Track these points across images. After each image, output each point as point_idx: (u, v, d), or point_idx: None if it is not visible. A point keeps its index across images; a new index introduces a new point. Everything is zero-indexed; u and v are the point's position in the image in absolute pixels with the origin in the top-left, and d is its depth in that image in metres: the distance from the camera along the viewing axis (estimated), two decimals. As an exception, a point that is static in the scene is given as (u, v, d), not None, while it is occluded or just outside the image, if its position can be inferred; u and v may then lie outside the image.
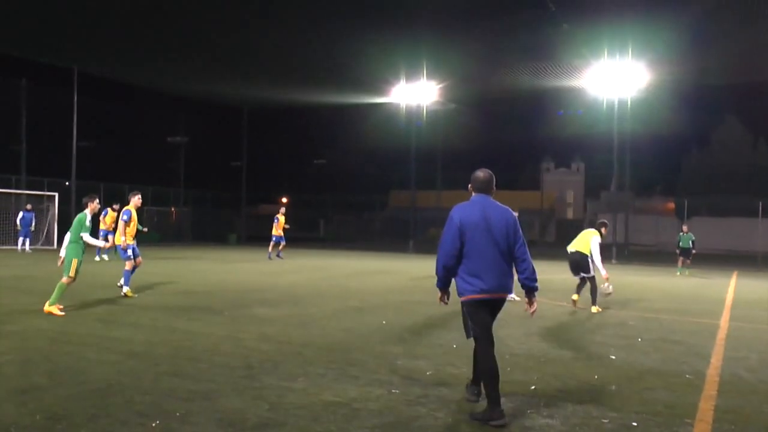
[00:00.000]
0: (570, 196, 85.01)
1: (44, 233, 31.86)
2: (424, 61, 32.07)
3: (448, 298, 5.56)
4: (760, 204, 34.27)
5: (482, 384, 5.34)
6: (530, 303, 5.65)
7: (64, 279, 9.90)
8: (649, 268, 26.24)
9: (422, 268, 21.93)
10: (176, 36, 28.41)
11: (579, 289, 12.47)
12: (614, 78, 31.42)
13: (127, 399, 5.34)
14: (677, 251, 24.44)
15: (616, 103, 33.27)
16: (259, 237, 41.15)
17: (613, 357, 7.62)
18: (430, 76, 34.45)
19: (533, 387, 6.12)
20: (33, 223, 27.04)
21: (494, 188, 5.59)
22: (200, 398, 5.42)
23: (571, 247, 12.55)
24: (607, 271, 12.32)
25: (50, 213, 32.04)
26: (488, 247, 5.28)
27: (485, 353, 5.30)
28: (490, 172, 5.60)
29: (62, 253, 10.14)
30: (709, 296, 15.64)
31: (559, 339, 8.73)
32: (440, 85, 35.69)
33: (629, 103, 33.33)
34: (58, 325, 8.75)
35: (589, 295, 11.98)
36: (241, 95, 40.47)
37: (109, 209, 21.56)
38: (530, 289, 5.57)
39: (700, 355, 7.87)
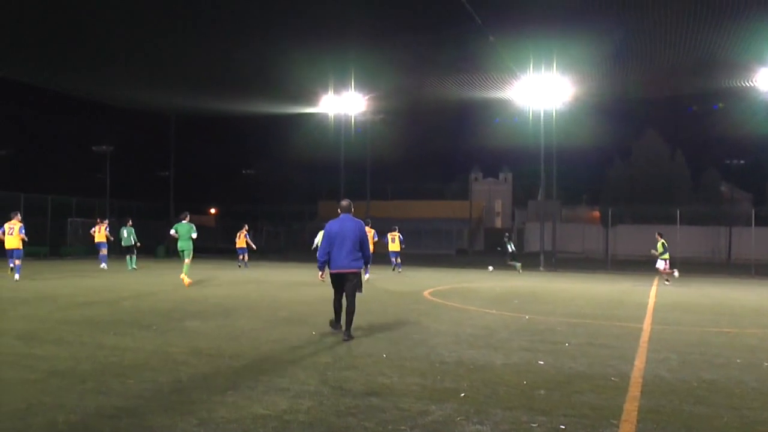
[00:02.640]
0: (498, 206, 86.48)
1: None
2: (352, 72, 32.15)
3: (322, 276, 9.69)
4: (678, 212, 35.65)
5: (341, 318, 9.46)
6: (365, 271, 10.75)
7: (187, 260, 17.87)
8: (576, 275, 26.90)
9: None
10: (101, 41, 27.67)
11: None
12: (540, 91, 32.20)
13: (50, 419, 5.14)
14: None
15: (542, 115, 34.07)
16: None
17: (542, 362, 7.78)
18: (358, 87, 34.57)
19: (463, 394, 6.18)
20: None
21: (353, 209, 9.55)
22: (128, 416, 5.28)
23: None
24: None
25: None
26: (342, 243, 9.15)
27: (336, 302, 9.54)
28: (349, 201, 9.64)
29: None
30: (632, 301, 16.15)
31: (488, 346, 8.86)
32: (369, 96, 35.86)
33: (555, 115, 34.18)
34: (-26, 343, 8.39)
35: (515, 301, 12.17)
36: (168, 103, 39.67)
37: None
38: (366, 264, 9.70)
39: (624, 358, 8.11)
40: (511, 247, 28.62)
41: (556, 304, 14.77)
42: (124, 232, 25.60)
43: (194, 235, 17.95)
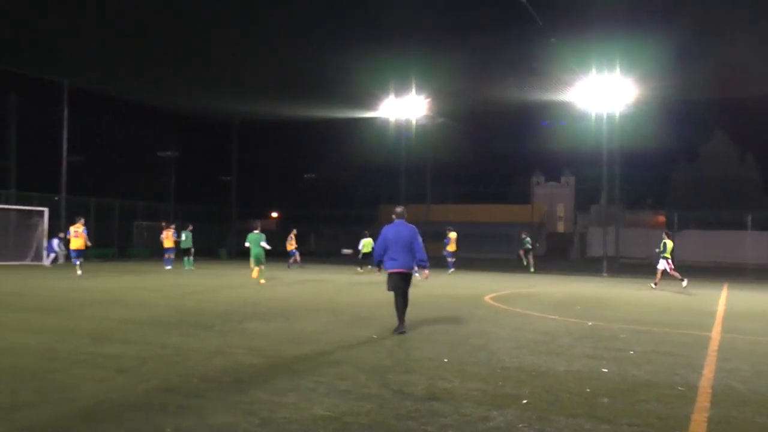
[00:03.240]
0: (560, 210, 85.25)
1: (34, 249, 31.61)
2: (412, 76, 32.20)
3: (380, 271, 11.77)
4: (750, 217, 34.46)
5: (400, 316, 10.19)
6: (424, 272, 10.98)
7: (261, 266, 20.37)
8: (640, 281, 26.27)
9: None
10: (166, 50, 28.45)
11: None
12: (603, 92, 31.60)
13: (117, 415, 5.29)
14: (521, 252, 31.27)
15: (604, 117, 33.41)
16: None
17: (605, 370, 7.60)
18: (419, 90, 34.57)
19: (525, 401, 6.09)
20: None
21: (406, 215, 10.55)
22: (191, 413, 5.37)
23: None
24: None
25: (39, 228, 31.78)
26: (397, 245, 10.15)
27: (397, 299, 10.24)
28: (403, 207, 10.71)
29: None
30: (700, 308, 15.66)
31: (550, 352, 8.71)
32: (429, 99, 35.83)
33: (618, 117, 33.48)
34: (46, 342, 8.68)
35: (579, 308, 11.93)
36: (230, 109, 40.48)
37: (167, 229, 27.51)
38: (422, 266, 10.56)
39: (692, 367, 7.86)
40: (528, 245, 30.56)
41: (619, 311, 14.45)
42: (183, 236, 27.63)
43: (263, 243, 20.28)
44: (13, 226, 31.88)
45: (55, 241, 30.35)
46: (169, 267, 26.47)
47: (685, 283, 21.10)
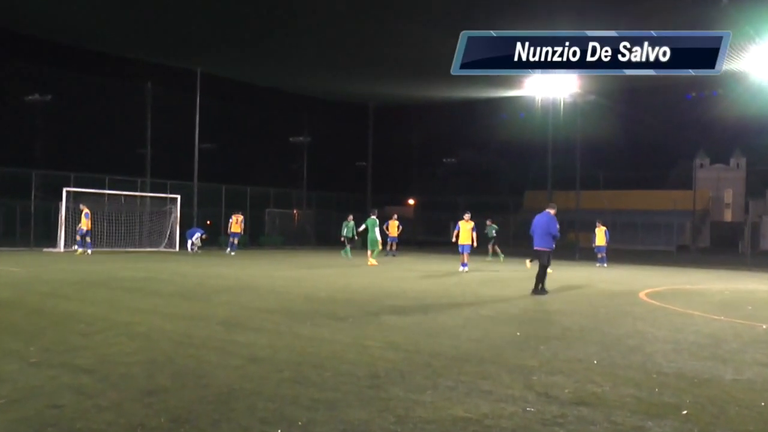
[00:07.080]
0: (728, 196, 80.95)
1: (167, 235, 33.67)
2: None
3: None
4: None
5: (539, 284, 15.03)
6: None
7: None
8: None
9: (561, 276, 21.41)
10: (297, 33, 29.32)
11: None
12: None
13: (250, 405, 5.52)
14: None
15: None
16: (385, 240, 41.73)
17: (786, 380, 7.11)
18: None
19: (685, 411, 5.78)
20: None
21: (555, 210, 15.17)
22: (324, 407, 5.52)
23: None
24: None
25: (173, 215, 33.82)
26: (538, 230, 14.98)
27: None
28: (554, 203, 15.52)
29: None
30: None
31: (715, 357, 8.21)
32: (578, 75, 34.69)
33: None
34: (181, 328, 9.23)
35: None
36: (365, 92, 41.06)
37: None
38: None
39: None
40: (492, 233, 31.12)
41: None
42: (346, 228, 30.54)
43: (377, 229, 24.95)
44: (148, 213, 34.09)
45: (197, 233, 32.87)
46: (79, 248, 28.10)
47: None
